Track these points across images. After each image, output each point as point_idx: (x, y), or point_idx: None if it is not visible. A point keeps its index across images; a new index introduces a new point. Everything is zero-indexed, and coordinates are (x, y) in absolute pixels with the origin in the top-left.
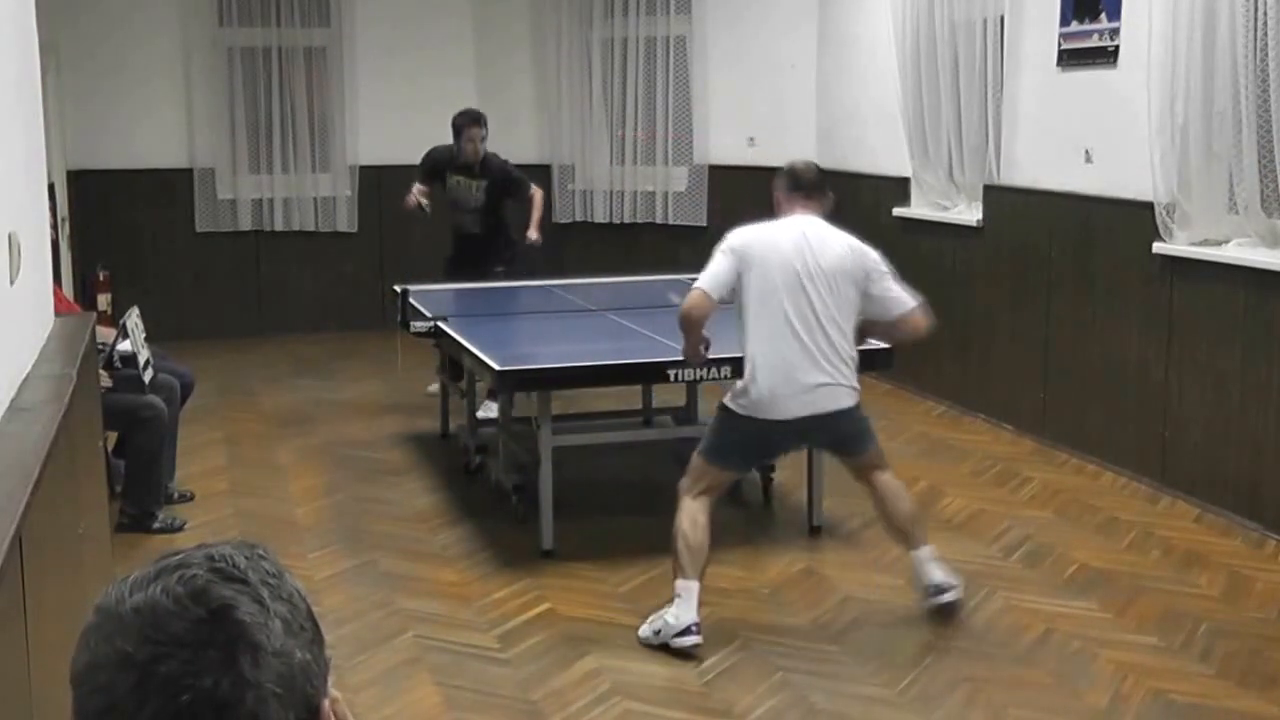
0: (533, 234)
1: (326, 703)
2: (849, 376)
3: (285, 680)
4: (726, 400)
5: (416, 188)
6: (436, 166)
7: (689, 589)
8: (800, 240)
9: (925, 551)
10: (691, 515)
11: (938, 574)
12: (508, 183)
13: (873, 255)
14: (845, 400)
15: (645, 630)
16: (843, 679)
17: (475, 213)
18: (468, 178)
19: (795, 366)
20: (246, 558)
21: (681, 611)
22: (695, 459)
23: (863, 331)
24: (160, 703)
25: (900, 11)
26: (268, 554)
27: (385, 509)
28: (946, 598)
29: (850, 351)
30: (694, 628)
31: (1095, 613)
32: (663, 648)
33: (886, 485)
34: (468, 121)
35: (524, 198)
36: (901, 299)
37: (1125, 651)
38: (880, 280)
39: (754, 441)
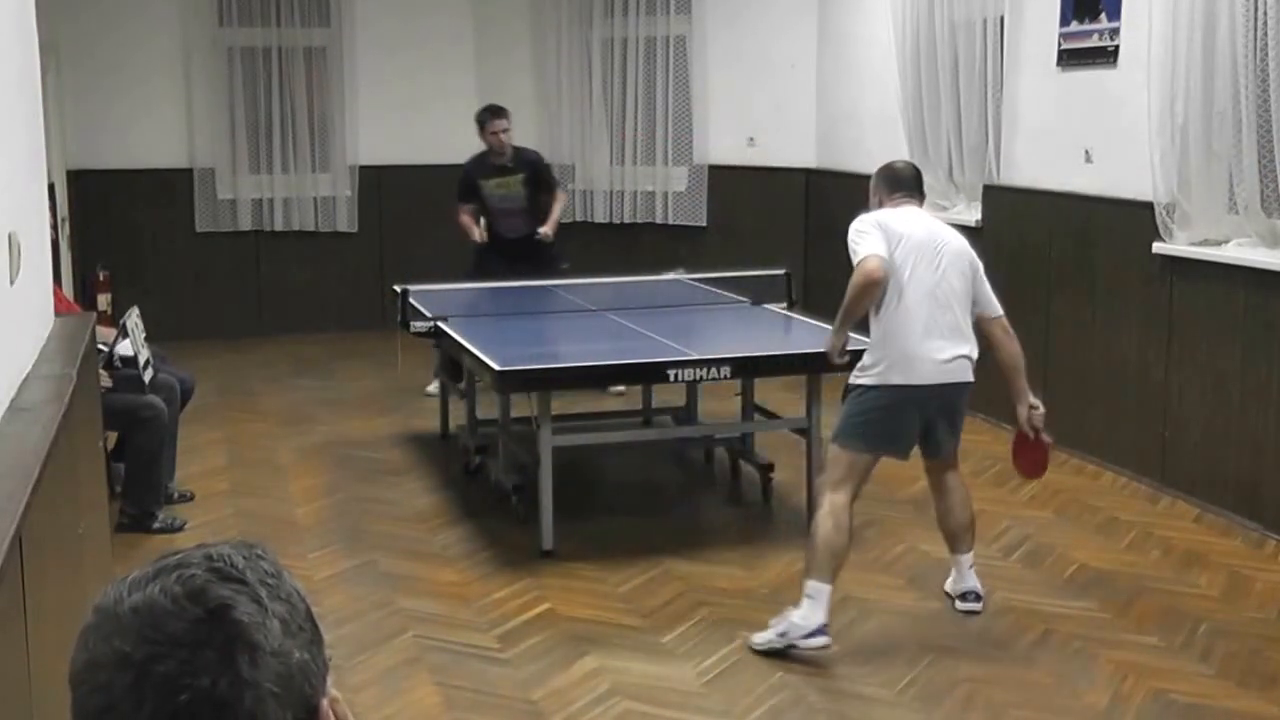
0: (547, 229)
1: (325, 702)
2: (970, 351)
3: (283, 680)
4: (858, 379)
5: (473, 227)
6: (471, 181)
7: (821, 591)
8: (927, 225)
9: (969, 558)
10: (835, 514)
11: (974, 581)
12: (542, 171)
13: (973, 252)
14: (967, 374)
15: (767, 635)
16: (843, 679)
17: (521, 213)
18: (505, 176)
19: (934, 336)
20: (245, 558)
21: (811, 612)
22: (833, 449)
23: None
24: (158, 702)
25: (900, 11)
26: (266, 554)
27: (385, 509)
28: (975, 606)
29: (970, 330)
30: (824, 629)
31: (1095, 613)
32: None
33: (958, 488)
34: (490, 114)
35: (551, 191)
36: (994, 300)
37: (1125, 651)
38: (979, 275)
39: (888, 412)
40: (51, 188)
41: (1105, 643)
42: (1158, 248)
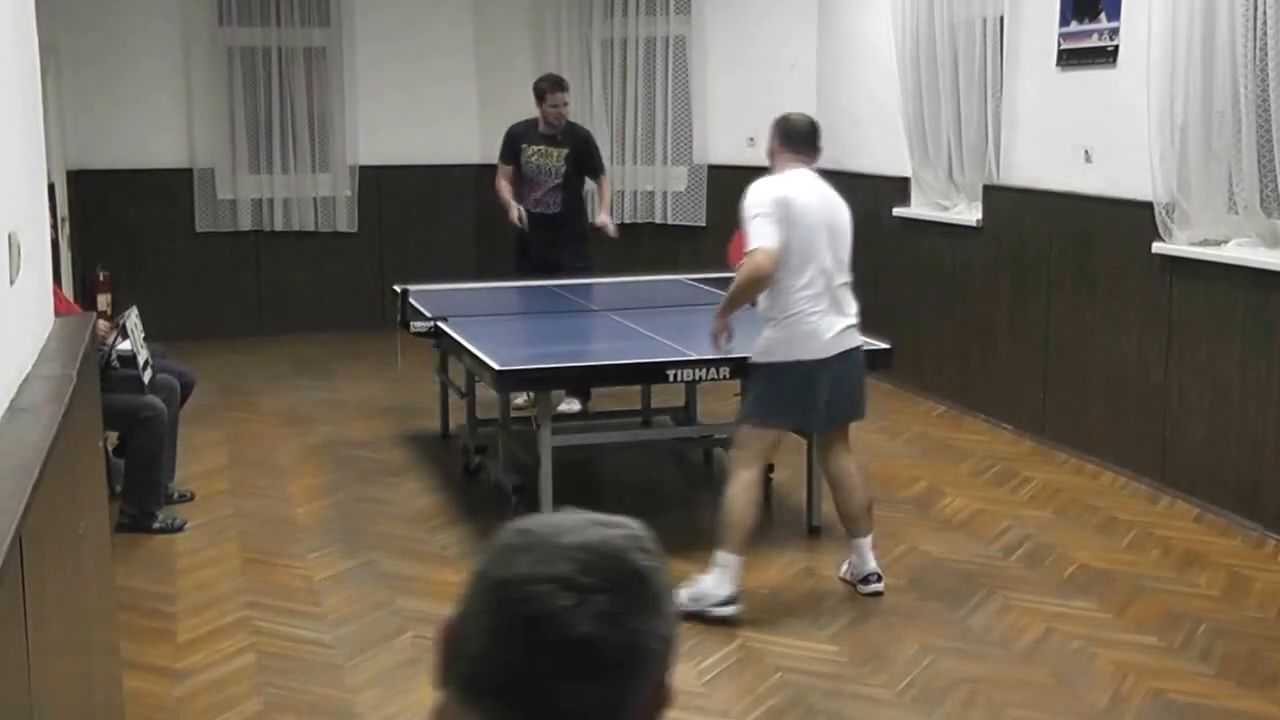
0: (606, 218)
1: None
2: (857, 316)
3: (667, 654)
4: (763, 359)
5: (510, 203)
6: (514, 141)
7: (731, 561)
8: (820, 194)
9: (867, 541)
10: (748, 489)
11: (875, 564)
12: (588, 151)
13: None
14: (860, 338)
15: (680, 596)
16: (843, 679)
17: (555, 189)
18: (549, 146)
19: (830, 312)
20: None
21: (721, 582)
22: (740, 426)
23: None
24: (590, 629)
25: (900, 11)
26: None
27: (385, 509)
28: (878, 587)
29: (853, 298)
30: (734, 598)
31: (1095, 613)
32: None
33: (854, 471)
34: (551, 85)
35: (597, 175)
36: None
37: (1125, 651)
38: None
39: (793, 387)
40: (51, 188)
41: (1105, 643)
42: (1158, 248)
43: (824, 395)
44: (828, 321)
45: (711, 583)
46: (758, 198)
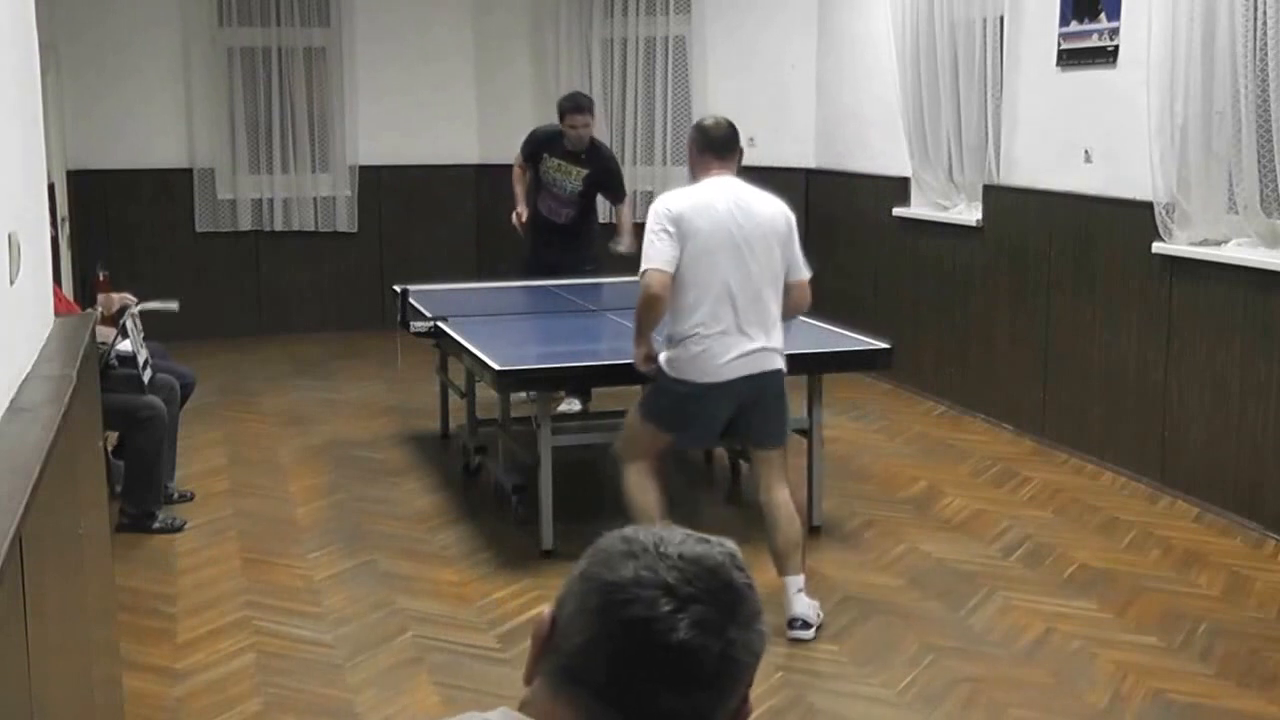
0: (627, 242)
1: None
2: (779, 341)
3: (755, 669)
4: (662, 363)
5: (519, 209)
6: (537, 146)
7: None
8: (731, 205)
9: (797, 581)
10: (639, 480)
11: (802, 603)
12: (609, 177)
13: (790, 213)
14: (774, 363)
15: None
16: (843, 679)
17: (570, 204)
18: (570, 163)
19: (733, 332)
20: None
21: None
22: (631, 414)
23: None
24: (689, 636)
25: (900, 11)
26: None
27: (385, 509)
28: (804, 635)
29: (779, 314)
30: None
31: (1095, 613)
32: None
33: (784, 503)
34: (571, 108)
35: (617, 198)
36: (802, 264)
37: (1125, 651)
38: (793, 240)
39: (684, 403)
40: (51, 188)
41: (1105, 643)
42: (1158, 248)
43: (719, 418)
44: (725, 344)
45: None
46: (652, 213)
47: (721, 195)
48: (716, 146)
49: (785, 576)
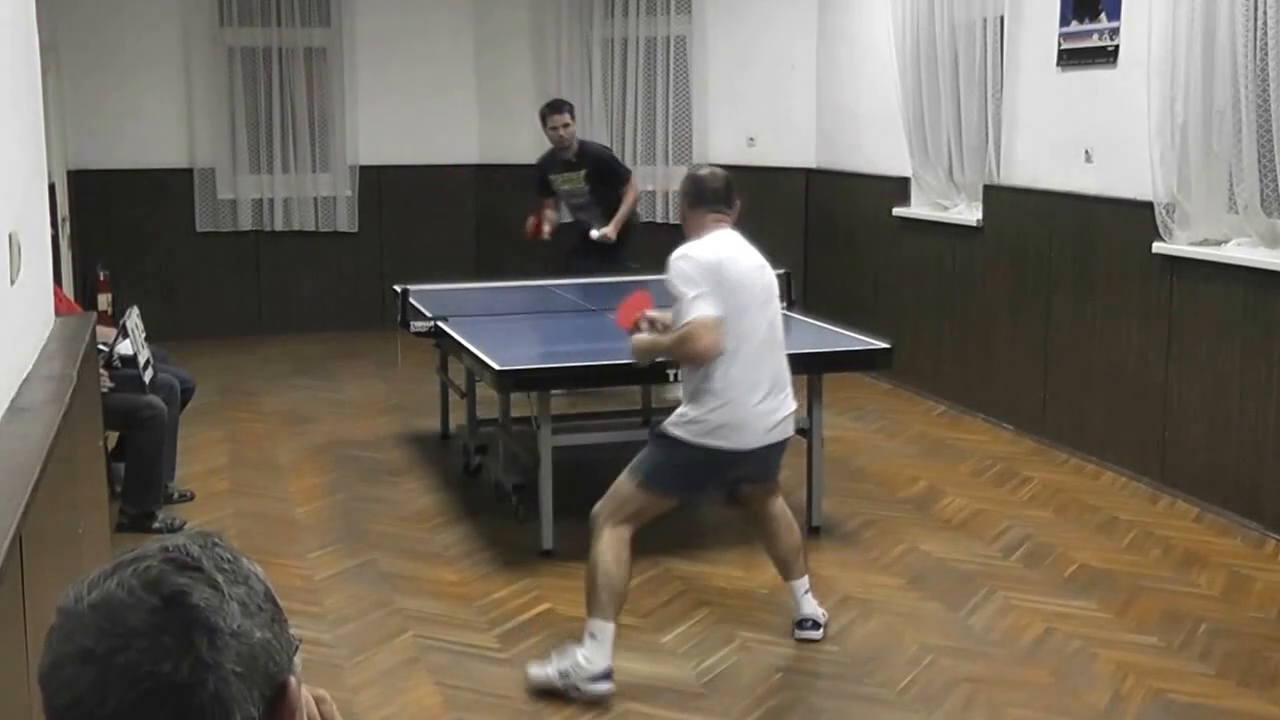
0: (609, 230)
1: (293, 679)
2: (793, 401)
3: (245, 660)
4: (673, 431)
5: (546, 214)
6: (542, 172)
7: (604, 630)
8: (748, 255)
9: (803, 584)
10: (616, 547)
11: (811, 604)
12: (603, 166)
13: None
14: (792, 428)
15: (546, 671)
16: (843, 679)
17: (587, 206)
18: (569, 171)
19: (767, 396)
20: (201, 546)
21: (596, 654)
22: (626, 483)
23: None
24: (122, 693)
25: (900, 11)
26: (222, 541)
27: (385, 509)
28: (814, 635)
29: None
30: (609, 674)
31: (1095, 613)
32: (616, 663)
33: (782, 514)
34: (549, 110)
35: (619, 185)
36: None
37: (1125, 651)
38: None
39: (699, 471)
40: (51, 188)
41: (1105, 643)
42: (1158, 248)
43: (736, 480)
44: (765, 408)
45: (584, 655)
46: (679, 269)
47: (738, 245)
48: (718, 199)
49: (791, 580)
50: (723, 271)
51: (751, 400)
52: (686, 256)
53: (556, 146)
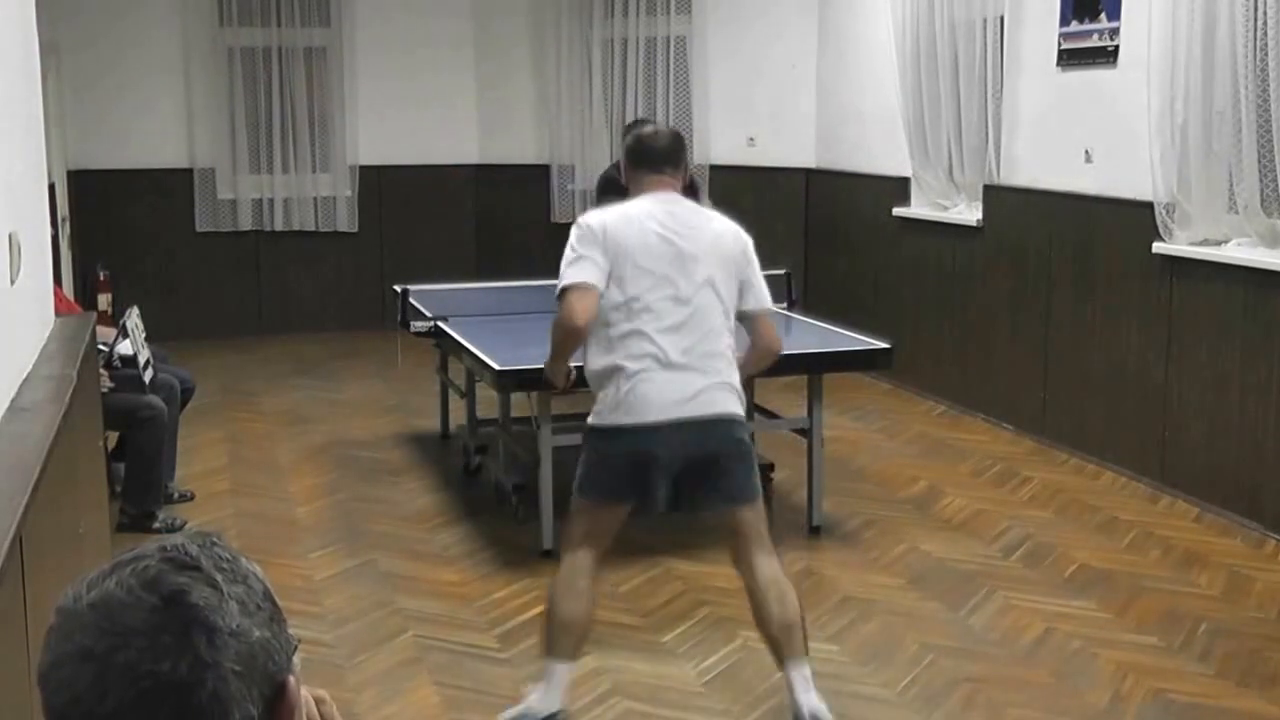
0: None
1: (292, 679)
2: (732, 376)
3: (244, 658)
4: (590, 420)
5: None
6: (614, 190)
7: (556, 672)
8: (666, 218)
9: (801, 670)
10: (571, 577)
11: (811, 700)
12: (694, 189)
13: (745, 236)
14: (730, 405)
15: (506, 715)
16: (843, 679)
17: None
18: None
19: (671, 366)
20: (200, 545)
21: (547, 697)
22: (573, 499)
23: None
24: (121, 691)
25: (900, 11)
26: (221, 540)
27: (385, 509)
28: None
29: (732, 346)
30: (556, 717)
31: (1095, 613)
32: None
33: (772, 584)
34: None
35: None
36: (763, 293)
37: (1125, 651)
38: (750, 265)
39: (625, 460)
40: (51, 188)
41: (1105, 643)
42: (1158, 248)
43: (663, 474)
44: (666, 378)
45: (536, 697)
46: (573, 234)
47: (657, 208)
48: (656, 158)
49: (788, 665)
50: (609, 236)
51: (659, 370)
52: (577, 223)
53: None
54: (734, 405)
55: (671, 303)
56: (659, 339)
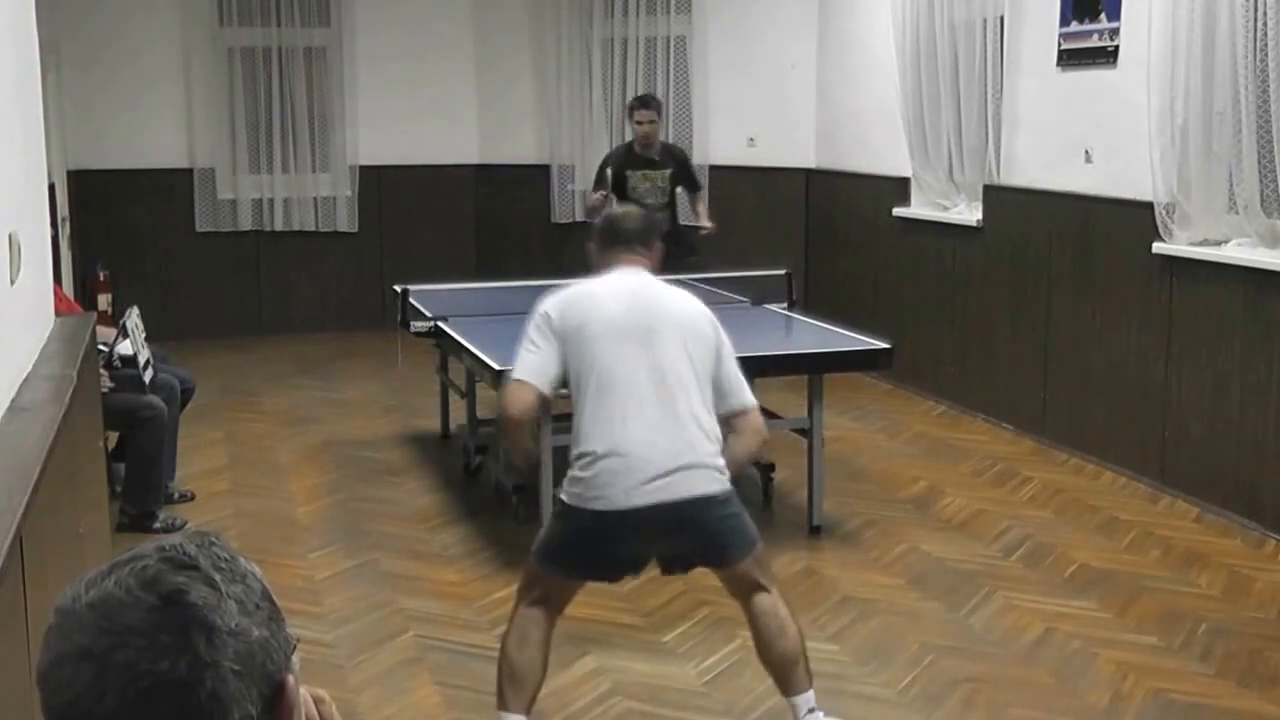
0: (709, 223)
1: (291, 678)
2: (710, 454)
3: (243, 658)
4: (559, 492)
5: (597, 195)
6: (618, 167)
7: None
8: (633, 295)
9: (805, 700)
10: (520, 627)
11: None
12: (688, 171)
13: (714, 318)
14: (706, 485)
15: None
16: (843, 679)
17: (663, 208)
18: (651, 170)
19: (638, 446)
20: (198, 545)
21: None
22: (529, 558)
23: None
24: (120, 690)
25: (900, 12)
26: (219, 540)
27: (385, 509)
28: None
29: (712, 424)
30: None
31: (1095, 613)
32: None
33: (766, 614)
34: (637, 104)
35: (695, 186)
36: (744, 387)
37: (1125, 651)
38: (724, 351)
39: (588, 541)
40: (51, 188)
41: (1105, 643)
42: (1158, 248)
43: (635, 559)
44: (630, 464)
45: None
46: (532, 316)
47: (622, 284)
48: (628, 237)
49: (791, 697)
50: (566, 314)
51: (615, 456)
52: (536, 309)
53: (640, 142)
54: (712, 485)
55: (643, 374)
56: (628, 415)
